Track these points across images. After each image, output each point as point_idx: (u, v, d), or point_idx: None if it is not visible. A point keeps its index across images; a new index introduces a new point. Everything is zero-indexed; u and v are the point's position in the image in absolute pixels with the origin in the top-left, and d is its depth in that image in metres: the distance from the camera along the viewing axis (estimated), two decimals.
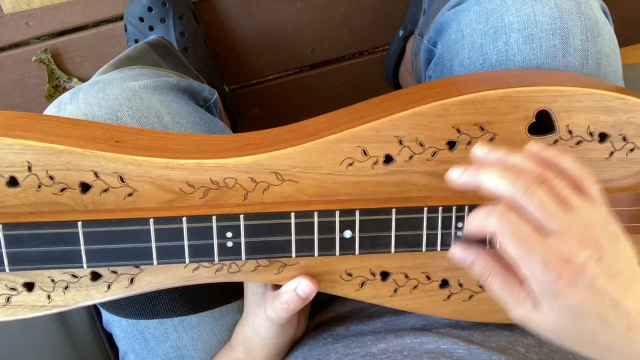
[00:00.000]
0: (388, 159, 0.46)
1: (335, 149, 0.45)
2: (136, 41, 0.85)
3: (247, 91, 0.98)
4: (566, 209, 0.38)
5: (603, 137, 0.47)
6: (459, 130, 0.46)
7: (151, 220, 0.43)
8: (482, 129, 0.46)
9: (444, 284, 0.50)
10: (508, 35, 0.53)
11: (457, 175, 0.41)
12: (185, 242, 0.44)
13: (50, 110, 0.54)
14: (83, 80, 0.91)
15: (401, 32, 0.90)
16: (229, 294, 0.58)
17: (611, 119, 0.46)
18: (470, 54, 0.56)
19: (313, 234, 0.45)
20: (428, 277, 0.49)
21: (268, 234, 0.45)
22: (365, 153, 0.46)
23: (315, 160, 0.45)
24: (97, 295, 0.46)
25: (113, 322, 0.60)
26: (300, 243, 0.45)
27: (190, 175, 0.44)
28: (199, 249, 0.44)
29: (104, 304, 0.58)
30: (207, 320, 0.58)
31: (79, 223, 0.42)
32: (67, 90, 0.91)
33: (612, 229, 0.39)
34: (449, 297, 0.50)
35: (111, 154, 0.43)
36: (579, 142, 0.47)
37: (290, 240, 0.45)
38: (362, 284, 0.49)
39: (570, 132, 0.46)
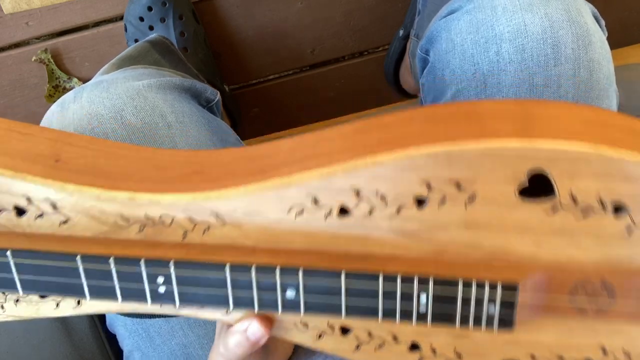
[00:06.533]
0: (343, 211, 0.38)
1: (281, 194, 0.38)
2: (136, 41, 0.82)
3: (247, 91, 0.95)
4: None
5: (619, 209, 0.36)
6: (429, 186, 0.36)
7: (78, 258, 0.39)
8: (458, 186, 0.36)
9: (414, 347, 0.42)
10: (499, 46, 0.51)
11: None
12: (116, 284, 0.39)
13: (54, 109, 0.52)
14: (83, 80, 0.90)
15: (401, 32, 0.86)
16: None
17: (631, 188, 0.35)
18: (462, 63, 0.54)
19: (252, 289, 0.39)
20: (395, 338, 0.41)
21: (202, 284, 0.39)
22: (316, 202, 0.37)
23: (258, 205, 0.38)
24: (47, 311, 0.43)
25: (117, 322, 0.58)
26: (239, 298, 0.39)
27: (123, 209, 0.39)
28: (131, 292, 0.39)
29: None
30: None
31: (8, 252, 0.39)
32: (67, 90, 0.91)
33: None
34: None
35: (42, 180, 0.39)
36: (586, 213, 0.36)
37: (227, 294, 0.39)
38: (320, 335, 0.42)
39: (574, 199, 0.35)
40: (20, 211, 0.41)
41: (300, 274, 0.38)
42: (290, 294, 0.38)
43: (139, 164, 0.42)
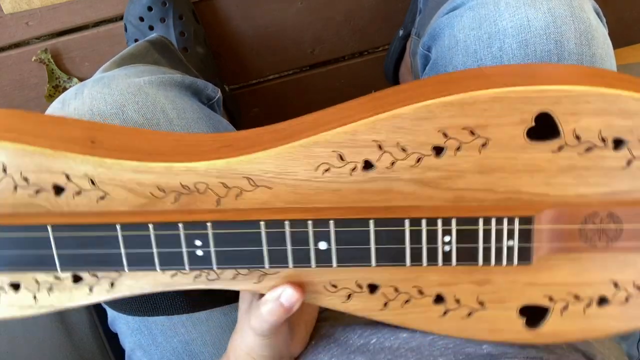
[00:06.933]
0: (367, 165, 0.41)
1: (309, 153, 0.41)
2: (136, 41, 0.83)
3: (247, 91, 0.96)
4: None
5: (618, 143, 0.40)
6: (445, 135, 0.40)
7: (118, 226, 0.41)
8: (472, 133, 0.40)
9: (439, 299, 0.45)
10: (502, 41, 0.52)
11: None
12: (154, 250, 0.42)
13: (55, 106, 0.53)
14: (83, 80, 0.91)
15: (401, 32, 0.88)
16: (228, 297, 0.56)
17: (628, 123, 0.39)
18: (465, 59, 0.55)
19: (286, 244, 0.41)
20: (420, 292, 0.44)
21: (238, 243, 0.41)
22: (342, 158, 0.41)
23: (288, 165, 0.41)
24: (80, 297, 0.45)
25: (119, 320, 0.59)
26: (274, 254, 0.42)
27: (160, 179, 0.42)
28: (169, 257, 0.42)
29: (107, 301, 0.58)
30: (215, 315, 0.57)
31: (49, 227, 0.41)
32: (67, 90, 0.91)
33: None
34: (445, 313, 0.45)
35: (81, 156, 0.41)
36: (589, 149, 0.40)
37: (262, 251, 0.42)
38: (349, 296, 0.45)
39: (577, 137, 0.40)
40: (58, 190, 0.43)
41: (332, 224, 0.41)
42: (322, 245, 0.41)
43: (172, 143, 0.45)
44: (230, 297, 0.57)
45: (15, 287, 0.44)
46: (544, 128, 0.40)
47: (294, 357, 0.53)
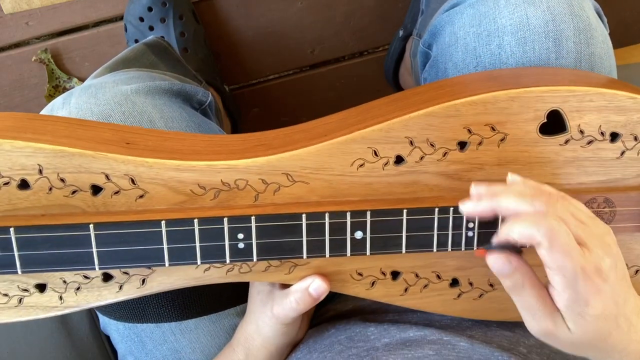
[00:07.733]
0: (399, 160, 0.46)
1: (346, 150, 0.45)
2: (136, 41, 0.85)
3: (247, 91, 0.98)
4: (584, 222, 0.40)
5: (614, 136, 0.47)
6: (469, 131, 0.46)
7: (163, 222, 0.43)
8: (493, 129, 0.46)
9: (454, 283, 0.50)
10: (501, 38, 0.53)
11: (472, 208, 0.41)
12: (197, 244, 0.44)
13: (43, 113, 0.54)
14: (83, 80, 0.91)
15: (401, 32, 0.90)
16: (220, 304, 0.58)
17: (622, 119, 0.47)
18: (464, 56, 0.56)
19: (324, 235, 0.45)
20: (438, 277, 0.50)
21: (279, 235, 0.45)
22: (376, 154, 0.46)
23: (326, 162, 0.46)
24: (109, 295, 0.46)
25: (110, 325, 0.60)
26: (312, 244, 0.46)
27: (201, 177, 0.44)
28: (211, 251, 0.44)
29: (98, 307, 0.58)
30: (204, 323, 0.59)
31: (91, 225, 0.42)
32: (67, 90, 0.91)
33: (611, 237, 0.42)
34: (459, 295, 0.50)
35: (122, 156, 0.43)
36: (590, 142, 0.47)
37: (302, 242, 0.45)
38: (373, 283, 0.49)
39: (581, 131, 0.47)
40: (96, 190, 0.44)
41: (368, 214, 0.45)
42: (358, 234, 0.46)
43: (203, 144, 0.47)
44: (216, 306, 0.59)
45: (41, 288, 0.46)
46: (552, 124, 0.46)
47: (297, 342, 0.57)
